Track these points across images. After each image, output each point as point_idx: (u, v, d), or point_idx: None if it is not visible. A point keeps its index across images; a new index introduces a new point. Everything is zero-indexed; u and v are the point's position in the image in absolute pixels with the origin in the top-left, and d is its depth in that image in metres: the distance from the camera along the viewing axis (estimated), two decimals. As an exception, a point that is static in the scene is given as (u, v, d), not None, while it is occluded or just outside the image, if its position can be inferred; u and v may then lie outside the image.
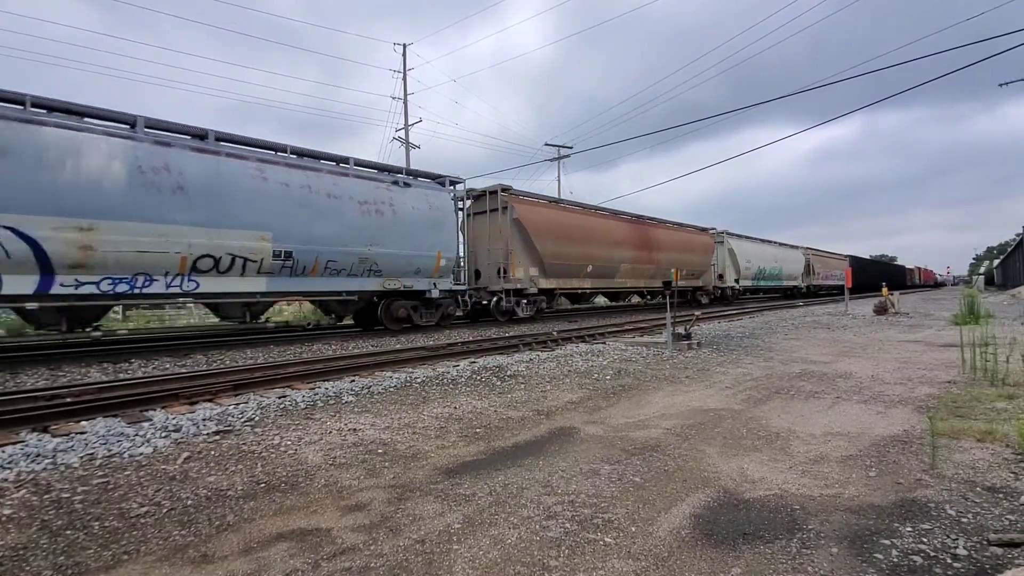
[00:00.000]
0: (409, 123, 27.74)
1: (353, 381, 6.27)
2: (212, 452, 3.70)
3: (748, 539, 2.36)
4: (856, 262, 45.09)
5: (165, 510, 2.75)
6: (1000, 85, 24.02)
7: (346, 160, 11.52)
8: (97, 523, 2.60)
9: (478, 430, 4.24)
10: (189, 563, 2.22)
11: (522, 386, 6.02)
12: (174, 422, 4.39)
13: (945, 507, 2.62)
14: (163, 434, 4.08)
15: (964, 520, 2.48)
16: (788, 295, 33.95)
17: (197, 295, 9.23)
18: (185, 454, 3.64)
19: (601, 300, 24.15)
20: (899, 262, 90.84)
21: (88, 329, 8.75)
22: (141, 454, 3.66)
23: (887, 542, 2.29)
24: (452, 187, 13.63)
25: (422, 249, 12.22)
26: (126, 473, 3.29)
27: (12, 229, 7.23)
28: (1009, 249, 56.31)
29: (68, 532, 2.51)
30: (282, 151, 10.39)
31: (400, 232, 11.73)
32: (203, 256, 9.02)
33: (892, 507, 2.64)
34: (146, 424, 4.35)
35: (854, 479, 3.04)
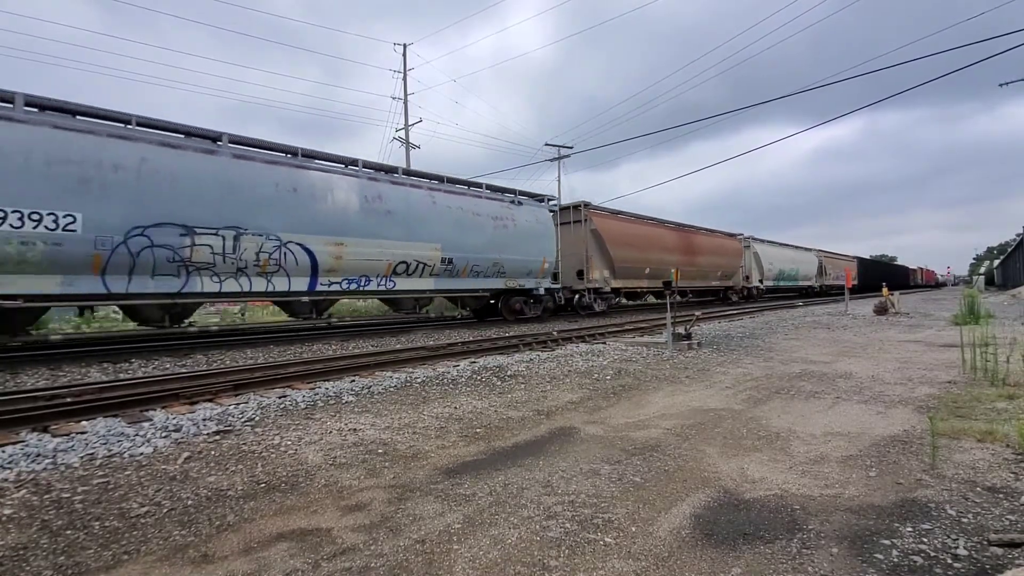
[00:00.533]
0: (409, 123, 27.75)
1: (353, 381, 6.27)
2: (212, 452, 3.70)
3: (748, 539, 2.36)
4: (862, 263, 47.94)
5: (165, 510, 2.75)
6: (1000, 85, 24.01)
7: (479, 185, 14.81)
8: (97, 523, 2.60)
9: (478, 430, 4.24)
10: (189, 563, 2.22)
11: (522, 386, 6.02)
12: (174, 422, 4.39)
13: (945, 507, 2.62)
14: (163, 434, 4.08)
15: (964, 520, 2.48)
16: (803, 294, 36.01)
17: (394, 292, 12.30)
18: (185, 454, 3.64)
19: (649, 298, 26.07)
20: (899, 262, 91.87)
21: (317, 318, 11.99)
22: (141, 454, 3.66)
23: (887, 542, 2.29)
24: (548, 203, 16.86)
25: (532, 255, 15.34)
26: (126, 473, 3.29)
27: (300, 244, 10.27)
28: (1009, 249, 56.30)
29: (68, 532, 2.51)
30: (438, 179, 13.52)
31: (519, 242, 14.83)
32: (400, 262, 12.10)
33: (892, 507, 2.64)
34: (146, 424, 4.35)
35: (854, 479, 3.04)
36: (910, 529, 2.40)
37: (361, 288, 11.61)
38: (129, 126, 8.63)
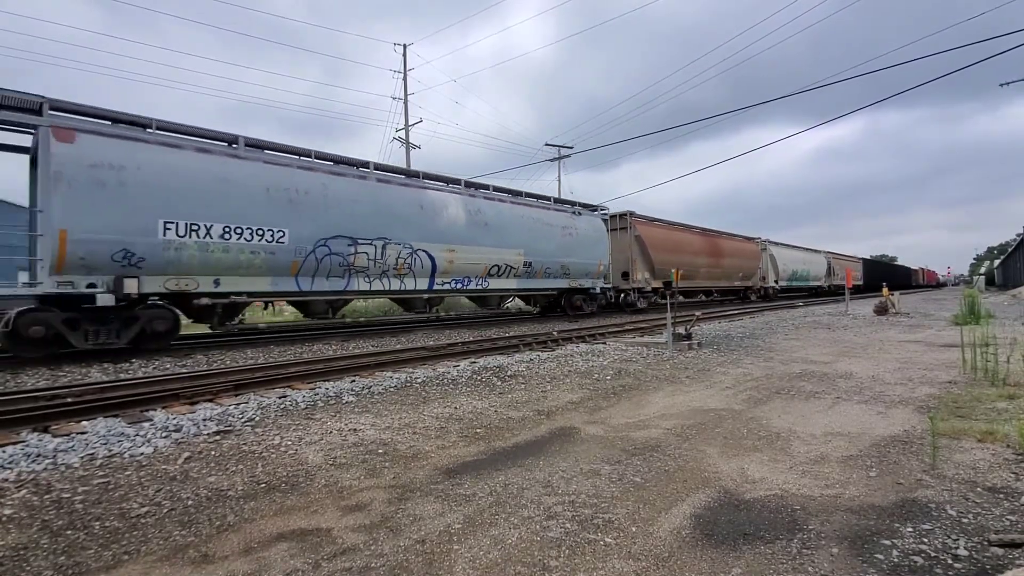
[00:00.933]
0: (409, 123, 27.75)
1: (353, 381, 6.27)
2: (213, 452, 3.70)
3: (748, 539, 2.35)
4: (867, 264, 50.11)
5: (166, 510, 2.75)
6: (1001, 85, 23.98)
7: (547, 199, 17.08)
8: (98, 523, 2.60)
9: (478, 430, 4.24)
10: (189, 563, 2.22)
11: (522, 386, 6.02)
12: (175, 422, 4.39)
13: (946, 507, 2.62)
14: (164, 434, 4.08)
15: (965, 520, 2.48)
16: (814, 293, 37.93)
17: (487, 290, 14.57)
18: (186, 454, 3.64)
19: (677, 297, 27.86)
20: (900, 262, 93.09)
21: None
22: (142, 454, 3.66)
23: (888, 542, 2.29)
24: (600, 213, 19.08)
25: (591, 259, 17.52)
26: (127, 473, 3.29)
27: (425, 251, 12.56)
28: (1009, 249, 56.28)
29: (69, 532, 2.51)
30: (517, 194, 15.89)
31: (580, 247, 17.12)
32: (493, 265, 14.28)
33: (893, 507, 2.64)
34: (147, 424, 4.35)
35: (855, 479, 3.04)
36: (910, 529, 2.40)
37: (464, 287, 13.86)
38: (310, 159, 11.03)
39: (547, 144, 35.88)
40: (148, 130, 8.87)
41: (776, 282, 30.05)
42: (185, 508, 2.78)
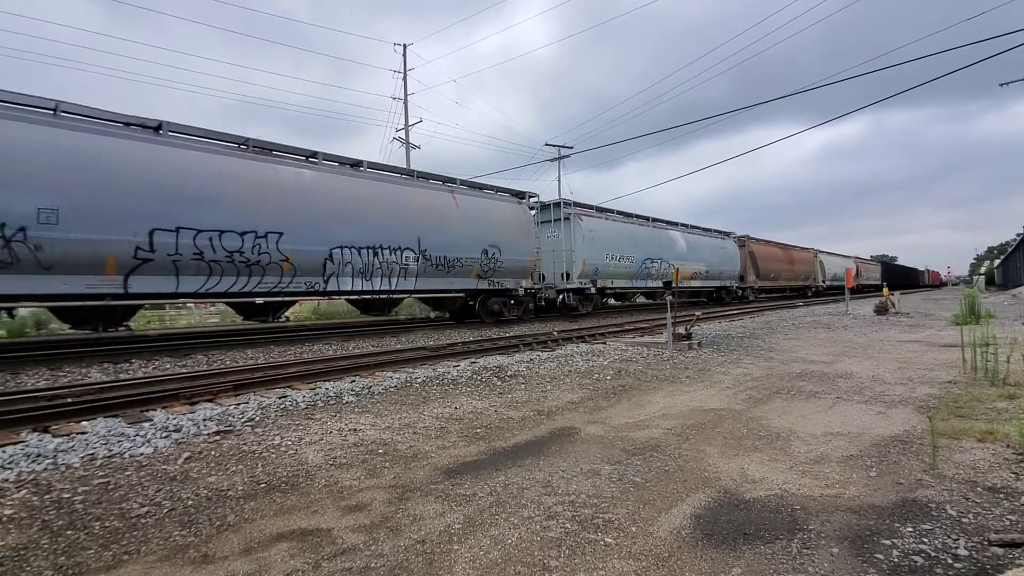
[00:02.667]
0: (409, 123, 27.75)
1: (354, 381, 6.27)
2: (213, 452, 3.70)
3: (749, 539, 2.35)
4: (885, 266, 61.45)
5: (166, 510, 2.75)
6: (1001, 85, 23.94)
7: (706, 229, 25.20)
8: (98, 523, 2.60)
9: (478, 430, 4.24)
10: (190, 563, 2.22)
11: (522, 386, 6.02)
12: (175, 422, 4.39)
13: (946, 507, 2.62)
14: (164, 434, 4.08)
15: (965, 520, 2.48)
16: (842, 291, 44.01)
17: (692, 288, 22.65)
18: (186, 454, 3.64)
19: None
20: (899, 262, 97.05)
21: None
22: (142, 454, 3.66)
23: (888, 542, 2.29)
24: (733, 237, 27.77)
25: (730, 267, 26.63)
26: (127, 473, 3.29)
27: (667, 262, 19.52)
28: (1009, 249, 56.29)
29: (69, 532, 2.51)
30: (686, 226, 23.21)
31: (725, 259, 25.69)
32: (694, 272, 21.95)
33: (893, 507, 2.64)
34: (147, 424, 4.35)
35: (855, 479, 3.04)
36: (910, 529, 2.40)
37: (646, 286, 20.60)
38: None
39: (547, 144, 35.88)
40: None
41: (823, 281, 38.77)
42: (185, 508, 2.78)
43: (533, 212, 16.54)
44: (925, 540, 2.30)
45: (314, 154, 11.05)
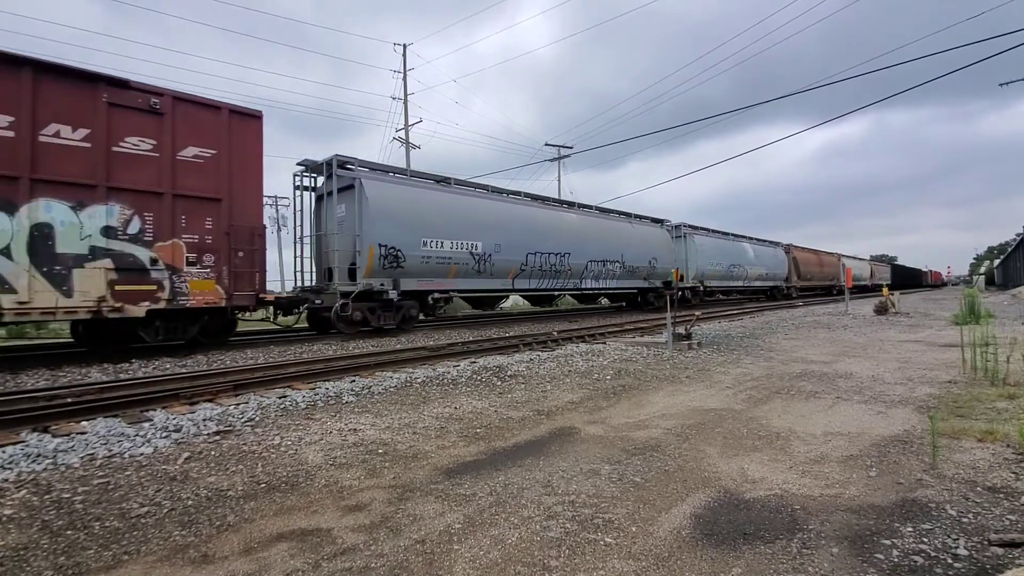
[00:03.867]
0: (409, 123, 27.75)
1: (353, 381, 6.27)
2: (212, 452, 3.70)
3: (749, 539, 2.36)
4: (895, 268, 68.51)
5: (166, 510, 2.75)
6: (1000, 85, 23.96)
7: (763, 240, 31.18)
8: (98, 523, 2.60)
9: (478, 430, 4.24)
10: (190, 563, 2.22)
11: (522, 386, 6.02)
12: (174, 422, 4.39)
13: (946, 507, 2.62)
14: (163, 434, 4.08)
15: (965, 520, 2.48)
16: (862, 290, 49.69)
17: (754, 287, 29.27)
18: (186, 454, 3.64)
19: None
20: (899, 262, 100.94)
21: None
22: (142, 454, 3.66)
23: (888, 542, 2.29)
24: (783, 246, 34.80)
25: (781, 270, 32.51)
26: (127, 473, 3.29)
27: (745, 267, 27.54)
28: (1009, 249, 56.29)
29: (69, 532, 2.51)
30: (750, 238, 29.51)
31: (777, 264, 31.66)
32: (758, 275, 28.99)
33: (893, 507, 2.64)
34: (147, 424, 4.35)
35: (855, 479, 3.04)
36: (910, 529, 2.40)
37: (745, 286, 28.12)
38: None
39: (547, 144, 35.88)
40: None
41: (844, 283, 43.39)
42: (185, 508, 2.78)
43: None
44: (925, 540, 2.30)
45: (572, 204, 18.51)
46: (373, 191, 11.61)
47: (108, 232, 7.76)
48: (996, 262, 75.41)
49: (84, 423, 4.41)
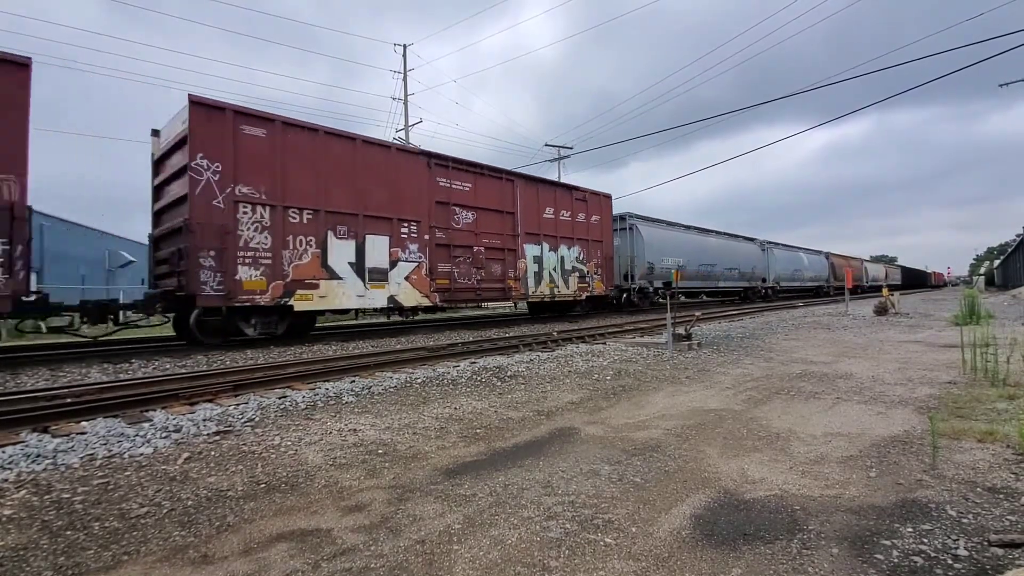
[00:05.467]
0: (409, 124, 27.77)
1: (353, 381, 6.26)
2: (212, 452, 3.70)
3: (748, 540, 2.35)
4: (904, 270, 75.33)
5: (165, 511, 2.75)
6: (1000, 86, 23.95)
7: (807, 249, 40.06)
8: (97, 523, 2.60)
9: (478, 430, 4.24)
10: (189, 563, 2.22)
11: (522, 386, 6.02)
12: (174, 422, 4.39)
13: (946, 508, 2.62)
14: (163, 434, 4.08)
15: (965, 521, 2.48)
16: (876, 289, 54.32)
17: (806, 286, 38.16)
18: (185, 454, 3.64)
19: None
20: (899, 263, 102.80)
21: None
22: (141, 454, 3.66)
23: (888, 543, 2.29)
24: (824, 254, 42.86)
25: (823, 273, 40.55)
26: (126, 473, 3.29)
27: (800, 273, 36.51)
28: (1009, 249, 56.32)
29: (68, 532, 2.51)
30: (804, 249, 39.74)
31: (820, 270, 39.76)
32: (811, 277, 38.26)
33: (893, 507, 2.64)
34: (146, 424, 4.35)
35: (855, 480, 3.04)
36: (910, 529, 2.40)
37: (807, 286, 37.29)
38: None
39: (547, 144, 35.92)
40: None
41: (866, 282, 51.66)
42: (185, 508, 2.77)
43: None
44: (925, 540, 2.30)
45: (709, 231, 26.34)
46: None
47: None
48: (996, 263, 75.44)
49: (84, 423, 4.41)
